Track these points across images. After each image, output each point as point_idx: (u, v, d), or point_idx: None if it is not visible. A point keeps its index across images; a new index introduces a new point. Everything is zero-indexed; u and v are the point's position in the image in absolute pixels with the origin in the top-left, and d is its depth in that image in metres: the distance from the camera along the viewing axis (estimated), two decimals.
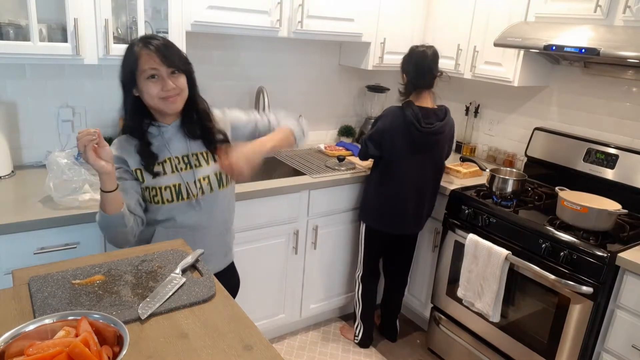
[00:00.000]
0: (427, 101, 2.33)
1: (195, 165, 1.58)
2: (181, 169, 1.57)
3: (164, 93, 1.46)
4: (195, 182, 1.58)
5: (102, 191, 1.38)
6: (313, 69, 3.03)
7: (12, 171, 2.14)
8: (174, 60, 1.46)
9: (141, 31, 2.04)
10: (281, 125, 1.73)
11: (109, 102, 2.35)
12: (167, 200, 1.55)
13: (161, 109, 1.50)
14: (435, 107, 2.35)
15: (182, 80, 1.50)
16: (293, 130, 1.73)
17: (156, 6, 2.16)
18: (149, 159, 1.53)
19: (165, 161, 1.55)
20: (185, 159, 1.58)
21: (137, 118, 1.53)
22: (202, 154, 1.61)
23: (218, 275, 1.71)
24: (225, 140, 1.64)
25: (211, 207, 1.63)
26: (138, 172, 1.53)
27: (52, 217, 1.75)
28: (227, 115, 1.70)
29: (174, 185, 1.55)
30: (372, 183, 2.46)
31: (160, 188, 1.54)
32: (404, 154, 2.32)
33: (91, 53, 1.97)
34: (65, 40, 1.92)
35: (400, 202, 2.39)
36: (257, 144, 1.58)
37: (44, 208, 1.81)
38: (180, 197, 1.57)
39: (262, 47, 2.79)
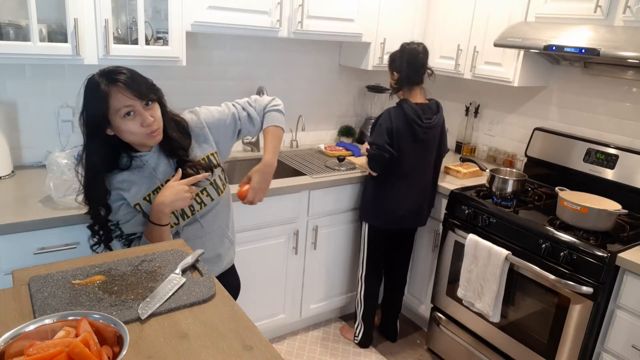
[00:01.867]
0: (419, 97, 2.38)
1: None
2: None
3: (146, 129, 1.40)
4: (194, 198, 1.56)
5: (158, 225, 1.46)
6: (313, 69, 3.03)
7: (12, 171, 2.14)
8: (145, 91, 1.39)
9: (141, 31, 2.04)
10: (266, 122, 1.71)
11: None
12: (174, 224, 1.55)
13: (145, 143, 1.45)
14: (427, 101, 2.39)
15: (157, 110, 1.44)
16: (281, 125, 1.73)
17: (156, 6, 2.16)
18: (142, 189, 1.50)
19: (158, 188, 1.51)
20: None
21: (113, 155, 1.47)
22: (190, 168, 1.55)
23: (218, 277, 1.71)
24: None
25: (212, 215, 1.63)
26: (137, 206, 1.50)
27: (52, 217, 1.75)
28: (200, 116, 1.63)
29: (176, 210, 1.52)
30: (375, 182, 2.45)
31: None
32: (408, 151, 2.34)
33: (91, 53, 1.97)
34: (65, 40, 1.91)
35: (404, 198, 2.42)
36: (267, 169, 1.66)
37: (44, 208, 1.81)
38: (184, 217, 1.57)
39: (262, 47, 2.79)
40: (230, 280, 1.82)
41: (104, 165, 1.45)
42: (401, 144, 2.33)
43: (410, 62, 2.32)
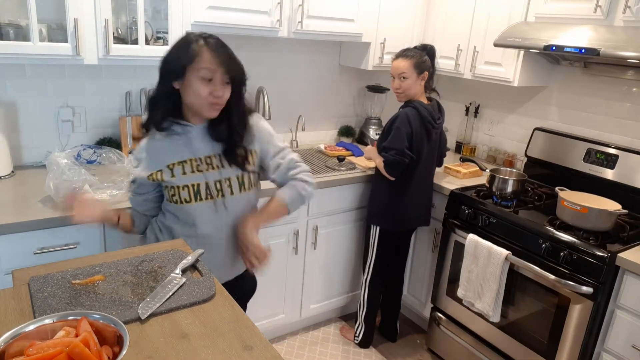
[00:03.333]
0: (424, 97, 2.38)
1: (217, 167, 1.54)
2: (202, 170, 1.52)
3: (212, 98, 1.42)
4: (215, 182, 1.54)
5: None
6: (313, 69, 3.03)
7: (12, 171, 2.14)
8: (233, 67, 1.43)
9: (141, 31, 2.04)
10: (283, 191, 1.62)
11: (109, 102, 2.35)
12: (185, 200, 1.52)
13: (201, 111, 1.46)
14: (429, 102, 2.40)
15: (228, 92, 1.46)
16: (287, 203, 1.61)
17: (156, 6, 2.16)
18: (170, 156, 1.52)
19: (185, 161, 1.51)
20: (208, 160, 1.53)
21: (166, 112, 1.49)
22: (224, 155, 1.56)
23: (236, 279, 1.71)
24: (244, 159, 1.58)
25: (231, 211, 1.57)
26: (158, 174, 1.51)
27: (52, 217, 1.74)
28: (262, 138, 1.61)
29: (193, 185, 1.51)
30: (389, 185, 2.39)
31: (178, 187, 1.51)
32: (422, 152, 2.36)
33: (91, 53, 1.97)
34: (65, 40, 1.91)
35: (414, 199, 2.43)
36: (258, 223, 1.59)
37: (44, 208, 1.81)
38: (198, 197, 1.52)
39: (262, 47, 2.79)
40: (246, 283, 1.80)
41: (160, 119, 1.49)
42: (419, 146, 2.33)
43: (433, 65, 2.39)
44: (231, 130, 1.53)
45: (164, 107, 1.48)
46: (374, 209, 2.51)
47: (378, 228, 2.50)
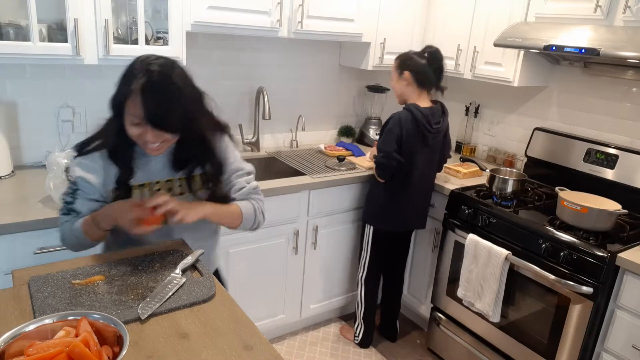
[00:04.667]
0: (426, 100, 2.36)
1: (179, 193, 1.45)
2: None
3: (144, 143, 1.30)
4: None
5: (100, 229, 1.32)
6: (313, 69, 3.03)
7: (12, 171, 2.14)
8: (166, 123, 1.26)
9: (141, 31, 2.04)
10: (239, 204, 1.52)
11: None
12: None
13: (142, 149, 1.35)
14: (432, 105, 2.37)
15: (167, 136, 1.30)
16: (243, 215, 1.51)
17: (156, 6, 2.16)
18: (125, 174, 1.38)
19: (144, 185, 1.41)
20: (170, 184, 1.44)
21: (123, 141, 1.34)
22: (184, 179, 1.46)
23: None
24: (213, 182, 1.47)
25: (186, 229, 1.47)
26: (111, 192, 1.38)
27: (52, 217, 1.74)
28: (229, 159, 1.52)
29: None
30: (385, 187, 2.41)
31: None
32: (417, 155, 2.34)
33: (91, 53, 1.96)
34: (65, 40, 1.91)
35: (411, 201, 2.42)
36: (203, 206, 1.41)
37: (44, 208, 1.81)
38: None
39: (262, 47, 2.79)
40: None
41: (118, 146, 1.36)
42: (411, 149, 2.31)
43: (436, 70, 2.33)
44: (193, 158, 1.42)
45: (121, 138, 1.33)
46: (369, 209, 2.53)
47: (372, 227, 2.51)
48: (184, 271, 1.28)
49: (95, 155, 1.37)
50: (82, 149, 1.38)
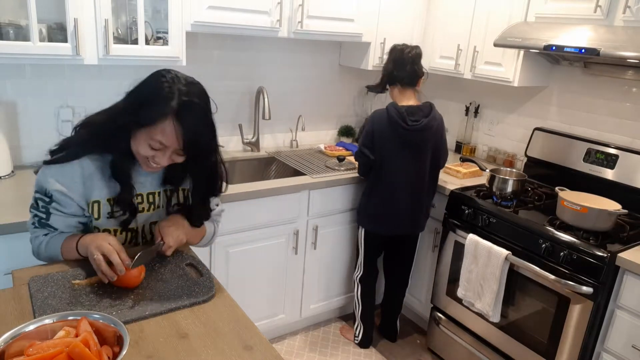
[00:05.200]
0: (411, 100, 2.35)
1: (160, 206, 1.40)
2: (143, 209, 1.37)
3: (148, 162, 1.24)
4: (151, 225, 1.41)
5: (79, 253, 1.25)
6: (313, 69, 3.03)
7: (12, 171, 2.14)
8: (193, 149, 1.20)
9: (141, 31, 2.04)
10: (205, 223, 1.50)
11: (109, 103, 2.32)
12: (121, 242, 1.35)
13: (140, 163, 1.28)
14: (419, 104, 2.36)
15: (179, 159, 1.25)
16: (206, 235, 1.51)
17: (156, 6, 2.16)
18: (128, 192, 1.30)
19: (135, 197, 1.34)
20: (150, 197, 1.38)
21: (129, 157, 1.27)
22: (166, 192, 1.40)
23: None
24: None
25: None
26: (90, 205, 1.29)
27: None
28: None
29: (132, 229, 1.36)
30: (366, 187, 2.46)
31: (112, 230, 1.34)
32: (394, 154, 2.32)
33: (91, 53, 1.96)
34: (65, 40, 1.91)
35: (394, 203, 2.39)
36: (184, 230, 1.37)
37: None
38: (127, 242, 1.39)
39: (262, 47, 2.79)
40: None
41: (122, 153, 1.27)
42: (384, 147, 2.30)
43: (395, 62, 2.34)
44: (190, 174, 1.37)
45: (114, 138, 1.25)
46: (357, 210, 2.56)
47: (363, 229, 2.53)
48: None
49: (74, 164, 1.26)
50: (57, 156, 1.28)
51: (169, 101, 1.15)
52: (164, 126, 1.16)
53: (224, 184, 1.44)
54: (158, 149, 1.20)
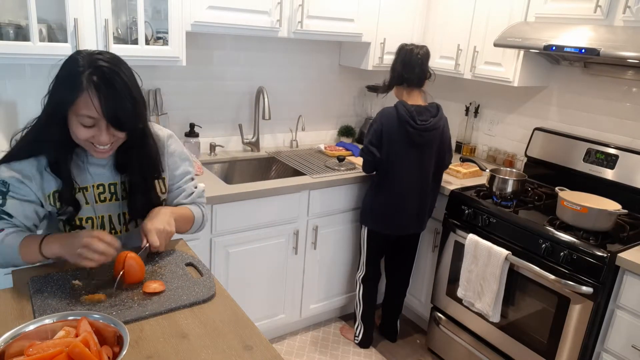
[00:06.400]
0: (418, 100, 2.36)
1: (122, 197, 1.37)
2: (105, 199, 1.35)
3: (93, 146, 1.23)
4: (120, 215, 1.39)
5: (42, 255, 1.21)
6: (313, 69, 3.03)
7: None
8: (122, 118, 1.19)
9: (141, 31, 2.04)
10: (190, 207, 1.50)
11: None
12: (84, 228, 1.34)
13: (88, 151, 1.27)
14: (426, 104, 2.37)
15: (121, 134, 1.24)
16: (195, 219, 1.50)
17: (156, 6, 2.16)
18: (69, 188, 1.29)
19: (86, 189, 1.32)
20: (112, 188, 1.36)
21: (64, 150, 1.26)
22: (124, 183, 1.38)
23: None
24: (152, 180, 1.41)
25: (132, 240, 1.42)
26: (50, 197, 1.28)
27: None
28: (174, 164, 1.48)
29: (97, 217, 1.35)
30: (372, 186, 2.46)
31: (80, 219, 1.33)
32: (402, 154, 2.32)
33: None
34: (65, 40, 1.91)
35: (401, 203, 2.39)
36: (169, 221, 1.35)
37: None
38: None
39: (262, 47, 2.79)
40: None
41: (58, 155, 1.27)
42: (393, 146, 2.30)
43: (404, 62, 2.33)
44: (136, 162, 1.35)
45: (61, 144, 1.25)
46: (362, 209, 2.55)
47: (366, 228, 2.52)
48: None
49: (30, 159, 1.26)
50: (10, 160, 1.27)
51: (81, 74, 1.16)
52: (84, 98, 1.16)
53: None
54: (91, 126, 1.19)
